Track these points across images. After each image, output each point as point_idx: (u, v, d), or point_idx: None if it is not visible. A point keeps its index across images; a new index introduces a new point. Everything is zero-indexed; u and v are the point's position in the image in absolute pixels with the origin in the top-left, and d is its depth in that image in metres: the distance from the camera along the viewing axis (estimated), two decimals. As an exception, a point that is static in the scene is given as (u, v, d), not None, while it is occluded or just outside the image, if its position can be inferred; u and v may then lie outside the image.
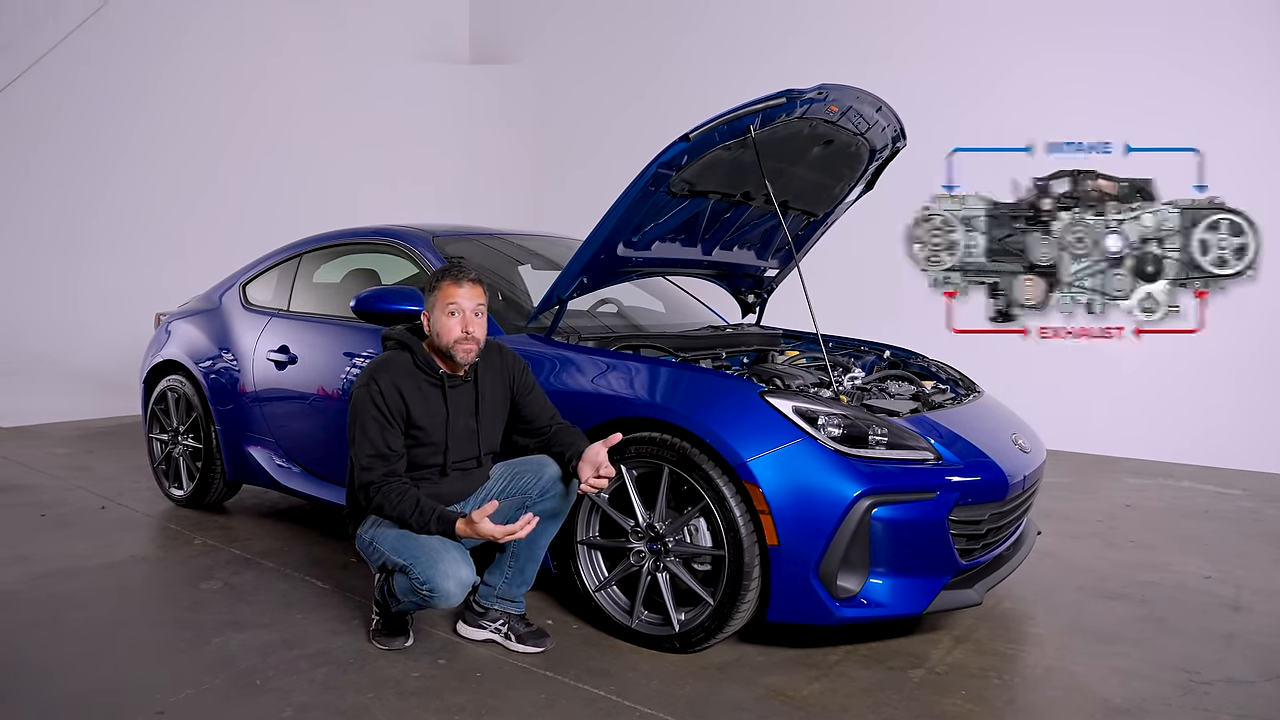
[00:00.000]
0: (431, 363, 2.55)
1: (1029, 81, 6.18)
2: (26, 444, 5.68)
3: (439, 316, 2.49)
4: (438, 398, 2.55)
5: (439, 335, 2.50)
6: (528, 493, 2.60)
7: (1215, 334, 5.73)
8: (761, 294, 4.09)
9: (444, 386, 2.55)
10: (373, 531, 2.53)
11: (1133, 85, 5.85)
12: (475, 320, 2.49)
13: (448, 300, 2.47)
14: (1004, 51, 6.29)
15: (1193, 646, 2.72)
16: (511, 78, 9.39)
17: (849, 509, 2.35)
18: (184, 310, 4.31)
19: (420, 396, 2.52)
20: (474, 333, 2.49)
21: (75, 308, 7.05)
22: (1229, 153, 5.66)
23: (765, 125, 2.80)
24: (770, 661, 2.55)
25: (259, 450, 3.80)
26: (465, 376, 2.59)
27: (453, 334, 2.48)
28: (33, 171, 6.94)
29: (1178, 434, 5.73)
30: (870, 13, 6.99)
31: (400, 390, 2.49)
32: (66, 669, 2.46)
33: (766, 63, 7.43)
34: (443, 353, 2.53)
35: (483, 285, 2.54)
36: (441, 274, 2.53)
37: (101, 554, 3.46)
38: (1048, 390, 6.15)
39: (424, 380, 2.54)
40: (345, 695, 2.31)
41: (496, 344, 2.71)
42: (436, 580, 2.34)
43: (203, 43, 7.62)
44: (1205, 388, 5.71)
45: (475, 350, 2.52)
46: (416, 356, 2.55)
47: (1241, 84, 5.57)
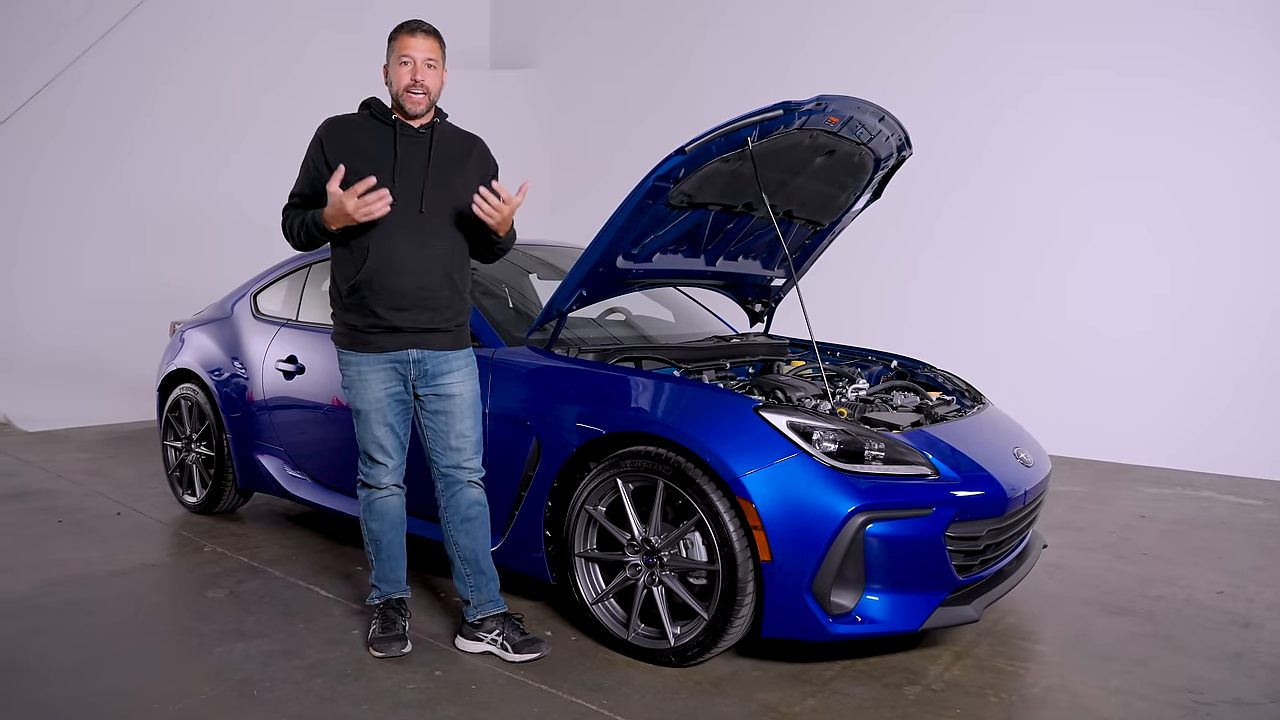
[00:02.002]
0: (388, 113, 2.59)
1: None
2: (51, 449, 5.80)
3: (393, 65, 2.54)
4: (388, 140, 2.56)
5: (393, 84, 2.55)
6: (437, 462, 2.68)
7: (1244, 336, 5.61)
8: (769, 303, 4.07)
9: (396, 131, 2.57)
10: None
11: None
12: (428, 71, 2.53)
13: (402, 51, 2.51)
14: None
15: (1199, 665, 2.67)
16: (532, 83, 9.45)
17: (842, 525, 2.34)
18: (198, 319, 4.37)
19: (369, 139, 2.56)
20: (424, 81, 2.52)
21: (101, 312, 7.17)
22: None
23: (763, 137, 2.80)
24: (765, 677, 2.54)
25: (269, 459, 3.85)
26: (419, 131, 2.61)
27: (402, 82, 2.52)
28: (64, 178, 7.07)
29: (1197, 440, 5.63)
30: (887, 12, 6.95)
31: (347, 137, 2.55)
32: (71, 676, 2.51)
33: (787, 64, 7.42)
34: (397, 104, 2.57)
35: (439, 40, 2.57)
36: (400, 26, 2.55)
37: (114, 561, 3.53)
38: (1064, 392, 6.09)
39: (376, 124, 2.59)
40: (340, 707, 2.33)
41: (474, 136, 2.75)
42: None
43: (227, 50, 7.74)
44: (1231, 392, 5.60)
45: (425, 102, 2.55)
46: (374, 109, 2.61)
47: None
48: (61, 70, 6.94)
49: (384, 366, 2.60)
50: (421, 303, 2.56)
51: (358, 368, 2.60)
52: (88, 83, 7.05)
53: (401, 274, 2.53)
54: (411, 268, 2.54)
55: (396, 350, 2.58)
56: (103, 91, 7.16)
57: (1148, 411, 5.85)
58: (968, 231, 6.65)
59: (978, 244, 6.60)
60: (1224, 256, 5.63)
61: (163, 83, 7.43)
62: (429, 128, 2.61)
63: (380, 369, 2.60)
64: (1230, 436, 5.54)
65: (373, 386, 2.60)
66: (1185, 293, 5.76)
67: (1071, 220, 6.18)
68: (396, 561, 2.78)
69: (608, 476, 2.65)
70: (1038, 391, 6.11)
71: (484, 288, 3.58)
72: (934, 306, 6.77)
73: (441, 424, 2.65)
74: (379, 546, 2.75)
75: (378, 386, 2.60)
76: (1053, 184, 6.25)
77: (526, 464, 2.87)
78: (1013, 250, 6.45)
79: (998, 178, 6.50)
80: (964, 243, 6.66)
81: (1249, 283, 5.56)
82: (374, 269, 2.52)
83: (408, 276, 2.54)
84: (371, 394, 2.61)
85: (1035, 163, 6.32)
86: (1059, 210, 6.23)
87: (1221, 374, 5.63)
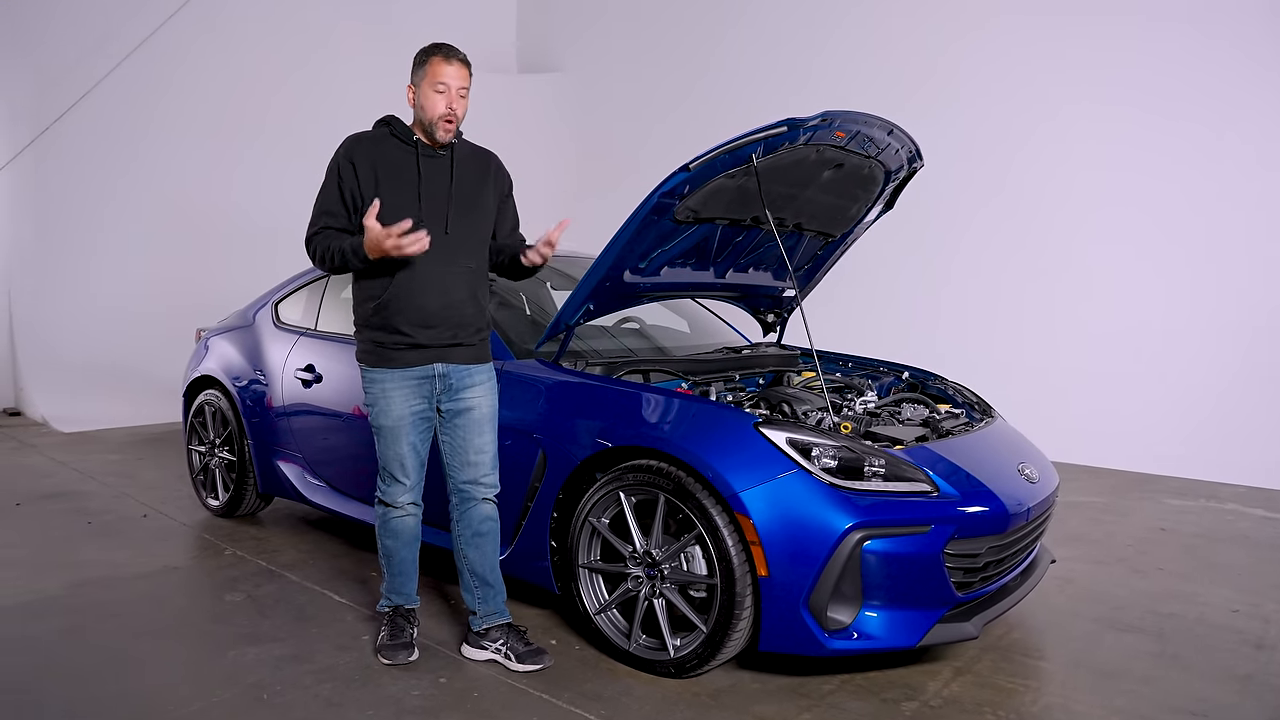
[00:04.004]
0: (409, 133, 2.61)
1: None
2: (84, 450, 5.97)
3: (426, 91, 2.54)
4: (411, 163, 2.59)
5: (422, 109, 2.55)
6: (455, 476, 2.73)
7: (1276, 346, 5.50)
8: (781, 314, 4.09)
9: (418, 153, 2.60)
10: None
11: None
12: (460, 100, 2.55)
13: (437, 78, 2.52)
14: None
15: (1205, 686, 2.64)
16: (558, 86, 9.52)
17: (839, 542, 2.36)
18: (222, 326, 4.48)
19: (392, 161, 2.58)
20: (457, 111, 2.55)
21: (137, 316, 7.34)
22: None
23: (769, 153, 2.82)
24: (764, 690, 2.57)
25: (288, 465, 3.94)
26: (440, 152, 2.64)
27: (437, 110, 2.53)
28: (99, 182, 7.25)
29: (1225, 450, 5.53)
30: (907, 17, 6.92)
31: (371, 157, 2.57)
32: (93, 677, 2.60)
33: (809, 65, 7.42)
34: (423, 127, 2.59)
35: (469, 68, 2.58)
36: (433, 50, 2.55)
37: (138, 563, 3.64)
38: (1088, 401, 6.02)
39: (398, 145, 2.60)
40: (345, 712, 2.40)
41: (490, 152, 2.79)
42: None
43: (255, 55, 7.87)
44: (1261, 401, 5.49)
45: (455, 131, 2.59)
46: (394, 128, 2.62)
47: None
48: (100, 80, 7.12)
49: (409, 383, 2.63)
50: (446, 320, 2.62)
51: (382, 385, 2.64)
52: (124, 91, 7.22)
53: (428, 293, 2.58)
54: (438, 287, 2.60)
55: (421, 365, 2.63)
56: (138, 99, 7.32)
57: (1175, 421, 5.75)
58: (988, 242, 6.59)
59: (1005, 254, 6.54)
60: (1262, 263, 5.51)
61: (198, 90, 7.58)
62: (448, 147, 2.65)
63: (405, 386, 2.63)
64: (1261, 447, 5.43)
65: (396, 404, 2.64)
66: (1219, 303, 5.66)
67: (1098, 229, 6.10)
68: (408, 576, 2.84)
69: (611, 489, 2.69)
70: (1060, 400, 6.05)
71: (500, 299, 3.65)
72: (956, 317, 6.72)
73: (460, 438, 2.70)
74: (391, 562, 2.81)
75: (401, 404, 2.64)
76: (1073, 193, 6.18)
77: (533, 475, 2.92)
78: (1034, 259, 6.38)
79: (1017, 185, 6.44)
80: (988, 253, 6.61)
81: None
82: (400, 288, 2.57)
83: (433, 296, 2.59)
84: (396, 411, 2.64)
85: (1054, 170, 6.25)
86: (1083, 220, 6.16)
87: (1251, 383, 5.53)
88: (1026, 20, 6.33)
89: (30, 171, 7.09)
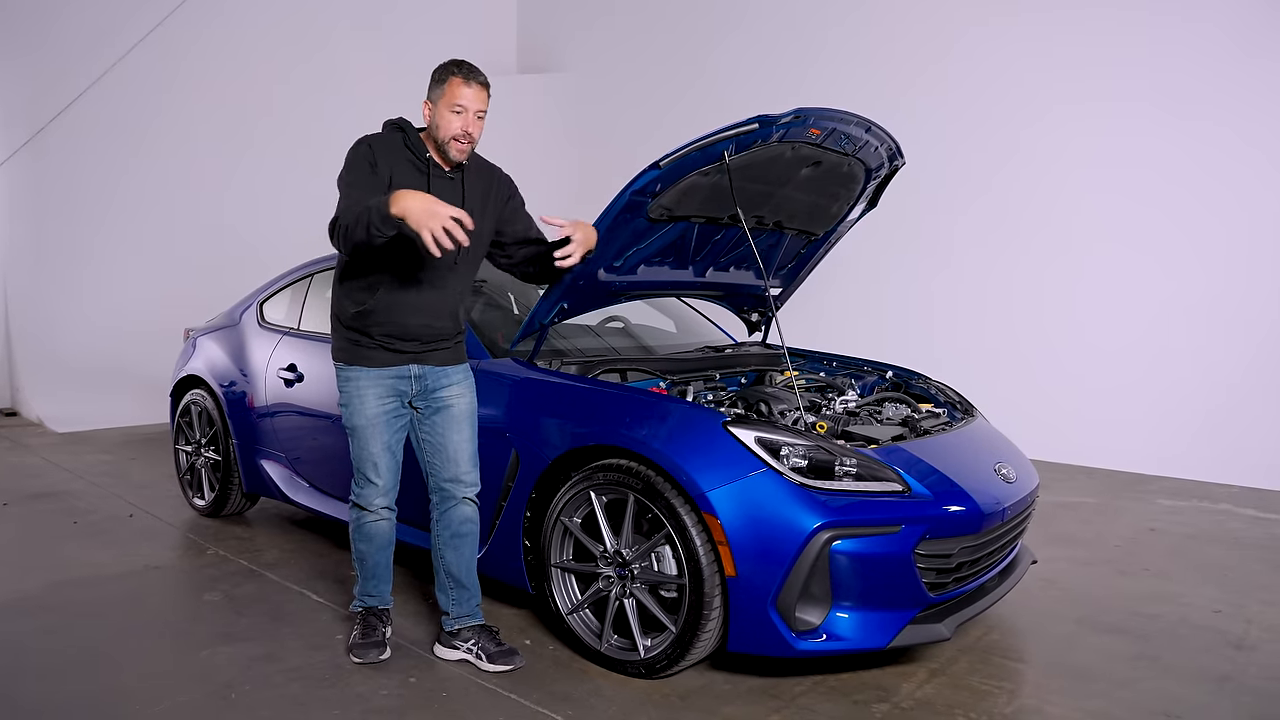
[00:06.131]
0: (422, 148, 2.57)
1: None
2: (76, 450, 5.99)
3: (442, 111, 2.49)
4: (421, 183, 2.53)
5: (438, 128, 2.51)
6: (435, 474, 2.71)
7: (1273, 345, 5.45)
8: (765, 313, 4.07)
9: (429, 173, 2.56)
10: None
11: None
12: (476, 123, 2.51)
13: (456, 99, 2.47)
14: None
15: (1181, 688, 2.62)
16: (559, 86, 9.52)
17: (806, 542, 2.34)
18: (209, 326, 4.49)
19: (405, 175, 2.52)
20: (472, 134, 2.52)
21: (131, 316, 7.36)
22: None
23: (741, 151, 2.80)
24: (734, 691, 2.55)
25: (271, 464, 3.94)
26: (450, 173, 2.61)
27: (452, 130, 2.49)
28: (96, 183, 7.28)
29: (1221, 450, 5.48)
30: (903, 18, 6.89)
31: (389, 162, 2.51)
32: (63, 676, 2.60)
33: (808, 66, 7.40)
34: (436, 144, 2.55)
35: (488, 90, 2.54)
36: (454, 68, 2.50)
37: (121, 563, 3.64)
38: (1081, 401, 5.98)
39: (410, 160, 2.55)
40: (311, 711, 2.39)
41: (493, 165, 2.76)
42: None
43: (254, 54, 7.88)
44: (1257, 401, 5.45)
45: (469, 153, 2.56)
46: (408, 138, 2.57)
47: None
48: (95, 81, 7.15)
49: (384, 382, 2.63)
50: (420, 336, 2.62)
51: (356, 383, 2.63)
52: (120, 92, 7.24)
53: (412, 314, 2.58)
54: (425, 310, 2.60)
55: (397, 365, 2.62)
56: (134, 101, 7.35)
57: (1171, 421, 5.70)
58: (981, 241, 6.55)
59: (997, 253, 6.49)
60: (1256, 262, 5.46)
61: (195, 91, 7.60)
62: (459, 169, 2.62)
63: (378, 385, 2.63)
64: (1256, 447, 5.38)
65: (370, 403, 2.63)
66: (1218, 302, 5.60)
67: (1088, 228, 6.06)
68: (382, 579, 2.84)
69: (582, 489, 2.68)
70: (1054, 400, 6.02)
71: (488, 299, 3.65)
72: (949, 316, 6.68)
73: (439, 434, 2.69)
74: (365, 565, 2.81)
75: (374, 403, 2.63)
76: (1064, 190, 6.12)
77: (506, 475, 2.91)
78: (1028, 257, 6.33)
79: (1008, 183, 6.39)
80: (977, 252, 6.57)
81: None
82: (385, 303, 2.56)
83: (417, 316, 2.59)
84: (369, 410, 2.63)
85: (1045, 168, 6.20)
86: (1073, 220, 6.11)
87: (1249, 383, 5.47)
88: (1015, 20, 6.29)
89: (26, 172, 7.13)
